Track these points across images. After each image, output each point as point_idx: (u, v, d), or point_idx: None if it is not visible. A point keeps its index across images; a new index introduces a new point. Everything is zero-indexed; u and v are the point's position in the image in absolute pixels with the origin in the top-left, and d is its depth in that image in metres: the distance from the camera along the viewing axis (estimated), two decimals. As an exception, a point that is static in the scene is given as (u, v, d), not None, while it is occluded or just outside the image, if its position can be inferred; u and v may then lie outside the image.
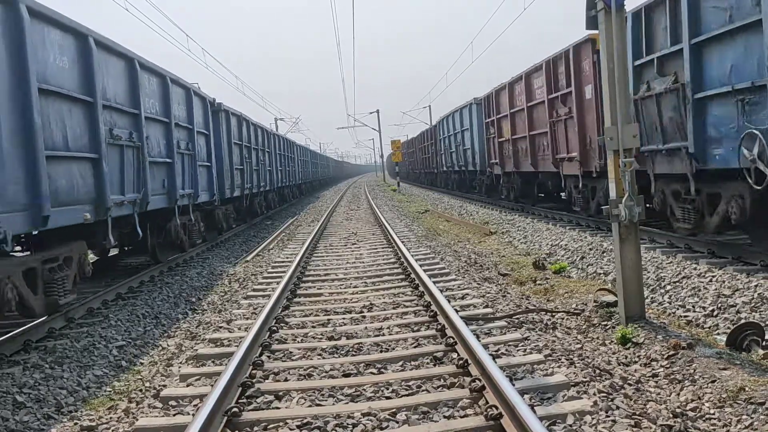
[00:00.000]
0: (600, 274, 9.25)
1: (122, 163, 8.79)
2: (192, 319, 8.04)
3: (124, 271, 11.33)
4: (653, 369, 5.00)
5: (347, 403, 4.53)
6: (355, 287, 8.97)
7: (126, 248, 12.16)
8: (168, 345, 6.84)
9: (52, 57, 6.95)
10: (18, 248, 7.57)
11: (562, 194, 16.52)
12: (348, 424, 4.11)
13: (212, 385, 4.68)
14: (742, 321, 6.01)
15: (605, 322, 6.41)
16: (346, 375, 5.14)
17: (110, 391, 5.44)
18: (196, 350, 6.23)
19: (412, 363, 5.37)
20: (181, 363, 6.04)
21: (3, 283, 6.09)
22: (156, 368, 6.00)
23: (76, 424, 4.64)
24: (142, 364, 6.26)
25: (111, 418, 4.70)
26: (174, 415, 4.52)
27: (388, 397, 4.59)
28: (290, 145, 34.28)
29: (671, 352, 5.20)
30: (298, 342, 6.25)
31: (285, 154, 30.54)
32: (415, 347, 5.82)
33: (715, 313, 6.69)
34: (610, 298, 6.91)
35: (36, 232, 7.01)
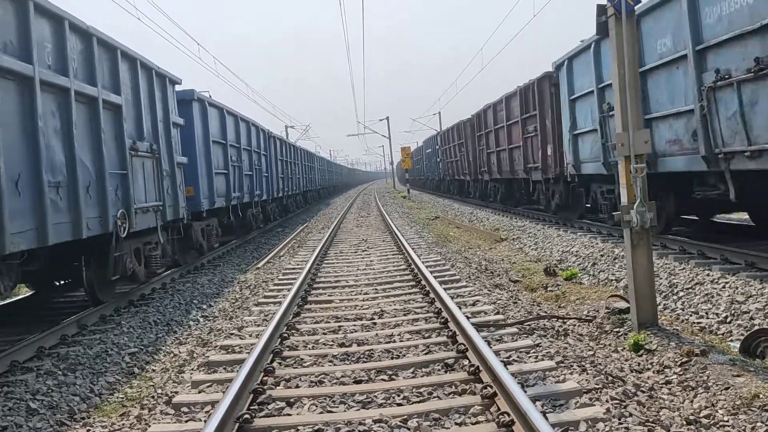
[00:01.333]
0: (612, 280, 9.20)
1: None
2: (203, 325, 8.07)
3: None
4: (666, 376, 4.97)
5: (358, 409, 4.53)
6: (365, 294, 8.98)
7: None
8: (180, 352, 6.86)
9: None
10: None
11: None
12: (359, 430, 4.11)
13: (224, 392, 4.69)
14: (756, 327, 5.95)
15: (617, 329, 6.38)
16: (357, 381, 5.13)
17: (123, 398, 5.47)
18: (208, 357, 6.25)
19: (423, 370, 5.36)
20: (192, 370, 6.06)
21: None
22: (168, 375, 6.03)
23: (88, 430, 4.67)
24: (154, 370, 6.29)
25: (123, 424, 4.72)
26: (186, 421, 4.54)
27: (399, 404, 4.58)
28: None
29: (684, 359, 5.16)
30: (309, 349, 6.25)
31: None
32: (426, 354, 5.81)
33: (728, 319, 6.63)
34: (622, 304, 6.87)
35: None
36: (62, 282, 10.25)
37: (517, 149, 18.61)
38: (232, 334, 7.18)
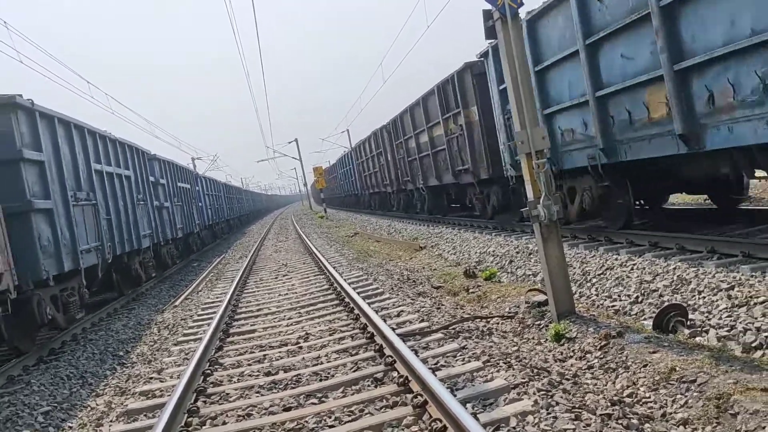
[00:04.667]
0: (529, 275, 9.43)
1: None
2: (121, 373, 7.66)
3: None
4: (588, 361, 5.10)
5: (290, 438, 4.40)
6: (289, 319, 8.80)
7: None
8: (97, 404, 6.47)
9: None
10: None
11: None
12: (292, 459, 3.98)
13: (146, 440, 4.44)
14: (666, 303, 6.23)
15: (538, 322, 6.52)
16: (287, 409, 4.99)
17: (36, 462, 5.09)
18: (126, 405, 5.92)
19: (353, 387, 5.28)
20: (111, 421, 5.72)
21: None
22: (85, 430, 5.67)
23: (-1, 503, 4.31)
24: (71, 427, 5.89)
25: (38, 490, 4.39)
26: (107, 477, 4.26)
27: (331, 426, 4.48)
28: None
29: (603, 343, 5.32)
30: (235, 382, 6.04)
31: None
32: (354, 371, 5.72)
33: (639, 299, 6.91)
34: (541, 297, 7.04)
35: None
36: None
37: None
38: (151, 378, 6.85)
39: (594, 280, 8.02)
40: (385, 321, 6.81)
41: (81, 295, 10.45)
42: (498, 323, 6.79)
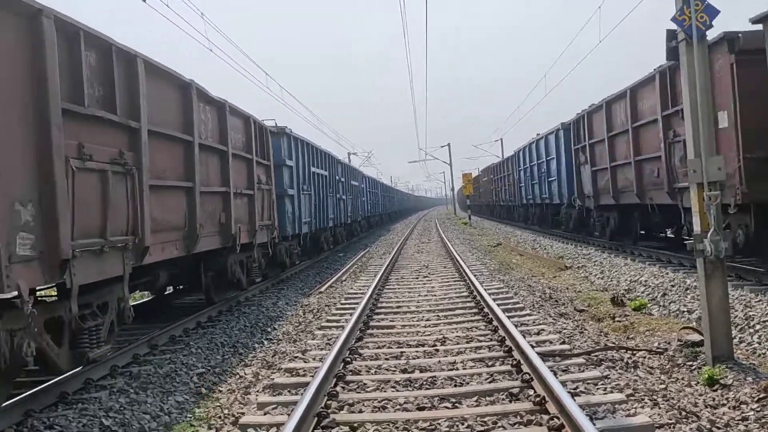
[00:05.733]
0: (683, 312, 8.88)
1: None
2: (268, 348, 8.20)
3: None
4: (743, 412, 4.75)
5: (422, 437, 4.51)
6: (427, 320, 8.95)
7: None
8: (245, 373, 6.99)
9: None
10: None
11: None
12: (423, 458, 4.08)
13: (289, 415, 4.75)
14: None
15: (690, 362, 6.15)
16: (421, 408, 5.11)
17: (191, 417, 5.60)
18: (273, 379, 6.34)
19: (487, 398, 5.30)
20: (258, 391, 6.16)
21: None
22: (234, 396, 6.14)
23: (159, 448, 4.80)
24: (221, 391, 6.42)
25: (192, 443, 4.84)
26: (252, 442, 4.61)
27: (463, 433, 4.53)
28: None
29: (762, 395, 4.93)
30: (372, 374, 6.27)
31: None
32: (489, 382, 5.73)
33: (811, 355, 6.29)
34: (695, 337, 6.63)
35: None
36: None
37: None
38: (296, 357, 7.27)
39: (758, 327, 7.39)
40: (524, 337, 6.74)
41: (297, 251, 16.59)
42: (645, 357, 6.47)
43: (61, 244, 5.15)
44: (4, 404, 5.08)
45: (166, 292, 11.06)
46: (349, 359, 6.65)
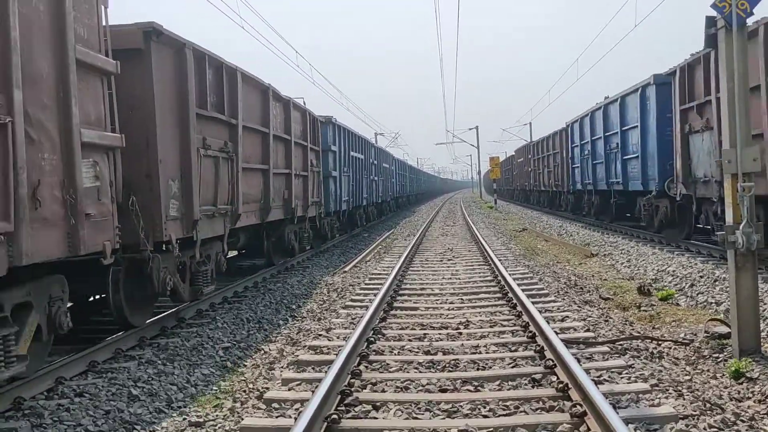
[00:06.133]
0: (711, 303, 8.77)
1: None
2: (292, 325, 8.30)
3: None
4: (769, 406, 4.70)
5: (444, 418, 4.55)
6: (451, 303, 8.97)
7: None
8: (270, 349, 7.09)
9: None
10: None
11: None
12: (445, 439, 4.12)
13: (313, 391, 4.82)
14: None
15: (716, 354, 6.09)
16: (443, 390, 5.15)
17: (216, 390, 5.71)
18: (297, 356, 6.43)
19: (510, 383, 5.31)
20: (282, 367, 6.25)
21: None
22: (259, 371, 6.24)
23: (184, 419, 4.91)
24: (245, 366, 6.52)
25: (217, 416, 4.94)
26: (277, 417, 4.70)
27: (485, 416, 4.56)
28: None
29: (791, 391, 4.86)
30: (395, 354, 6.32)
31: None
32: (512, 367, 5.75)
33: (841, 352, 6.18)
34: (723, 329, 6.55)
35: None
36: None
37: None
38: (320, 335, 7.35)
39: (788, 321, 7.28)
40: (548, 323, 6.73)
41: (332, 227, 18.28)
42: (671, 348, 6.42)
43: (194, 209, 7.49)
44: (36, 371, 5.26)
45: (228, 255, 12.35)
46: (372, 339, 6.71)
